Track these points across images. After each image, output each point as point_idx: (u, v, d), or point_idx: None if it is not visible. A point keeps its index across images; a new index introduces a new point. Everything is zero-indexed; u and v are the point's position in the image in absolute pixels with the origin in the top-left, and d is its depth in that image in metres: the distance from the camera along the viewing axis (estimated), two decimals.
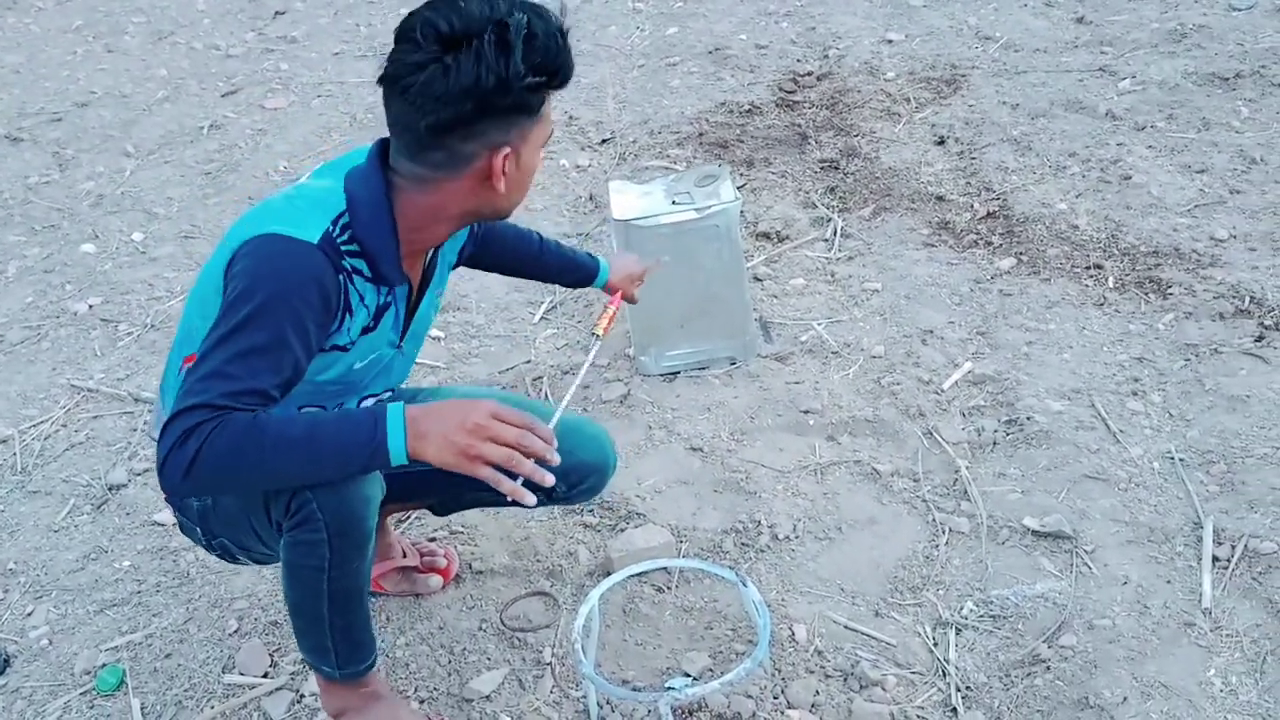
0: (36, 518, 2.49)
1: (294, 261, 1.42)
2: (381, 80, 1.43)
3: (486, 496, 1.93)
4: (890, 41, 4.58)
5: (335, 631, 1.65)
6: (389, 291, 1.58)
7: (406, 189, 1.50)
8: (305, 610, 1.63)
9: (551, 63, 1.43)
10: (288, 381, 1.43)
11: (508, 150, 1.46)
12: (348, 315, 1.52)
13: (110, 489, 2.54)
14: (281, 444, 1.34)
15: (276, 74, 5.15)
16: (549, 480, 1.42)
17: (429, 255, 1.68)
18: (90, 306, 3.34)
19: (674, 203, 2.68)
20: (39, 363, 3.09)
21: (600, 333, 2.06)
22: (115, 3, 6.48)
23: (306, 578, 1.58)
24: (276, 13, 6.06)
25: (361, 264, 1.51)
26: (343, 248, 1.47)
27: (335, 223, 1.47)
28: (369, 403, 1.76)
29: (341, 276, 1.47)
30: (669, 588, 2.12)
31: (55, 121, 4.81)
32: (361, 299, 1.54)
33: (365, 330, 1.57)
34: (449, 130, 1.42)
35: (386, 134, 1.51)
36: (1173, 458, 2.30)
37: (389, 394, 1.80)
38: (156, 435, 1.40)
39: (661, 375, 2.77)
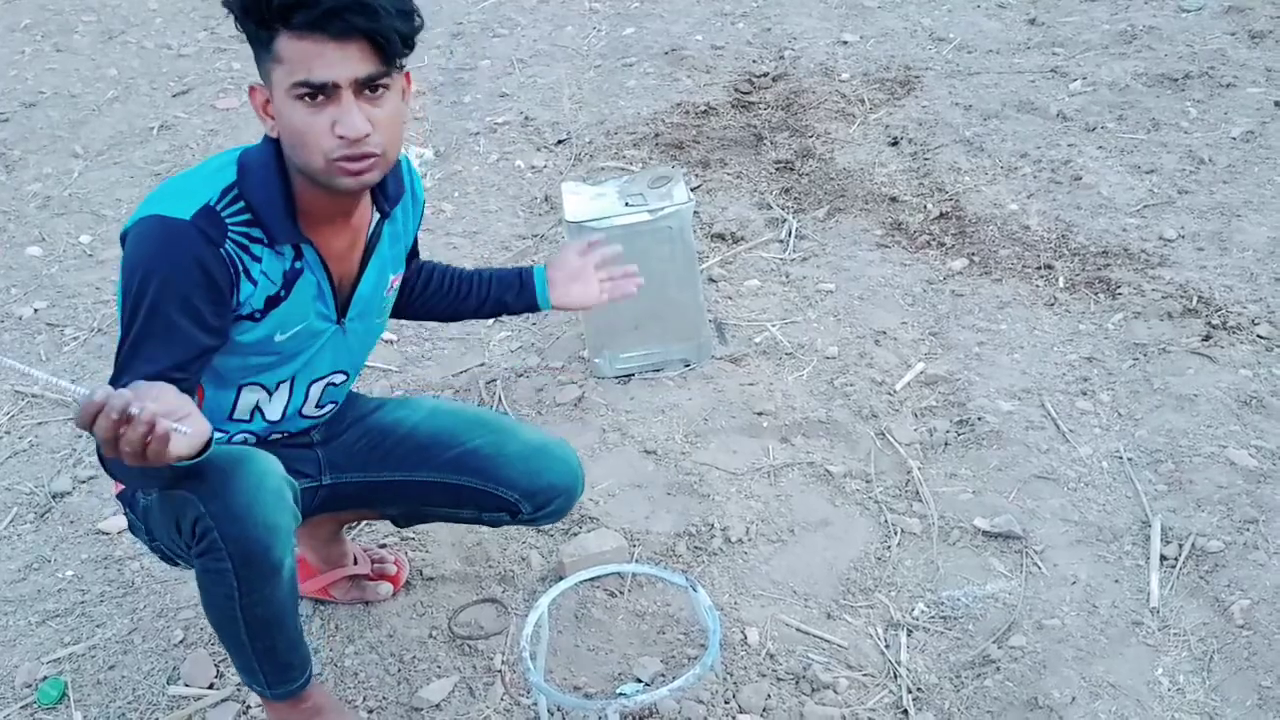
0: None
1: (166, 243, 1.43)
2: None
3: (464, 514, 1.93)
4: (845, 43, 4.60)
5: (258, 655, 1.61)
6: (296, 257, 1.55)
7: None
8: (225, 634, 1.60)
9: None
10: (190, 360, 1.44)
11: (260, 83, 1.46)
12: (246, 284, 1.51)
13: (54, 497, 2.50)
14: None
15: (229, 73, 5.10)
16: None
17: (369, 232, 1.65)
18: (36, 311, 3.29)
19: (627, 204, 2.67)
20: None
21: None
22: (65, 1, 6.38)
23: (219, 604, 1.53)
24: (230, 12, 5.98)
25: (256, 230, 1.49)
26: (227, 219, 1.46)
27: (223, 193, 1.46)
28: (318, 385, 1.73)
29: (226, 248, 1.46)
30: (621, 592, 2.11)
31: (2, 122, 4.72)
32: (260, 265, 1.52)
33: (274, 300, 1.55)
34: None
35: None
36: (1121, 457, 2.32)
37: (343, 377, 1.77)
38: None
39: (616, 378, 2.76)
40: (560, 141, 4.10)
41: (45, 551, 2.34)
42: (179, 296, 1.41)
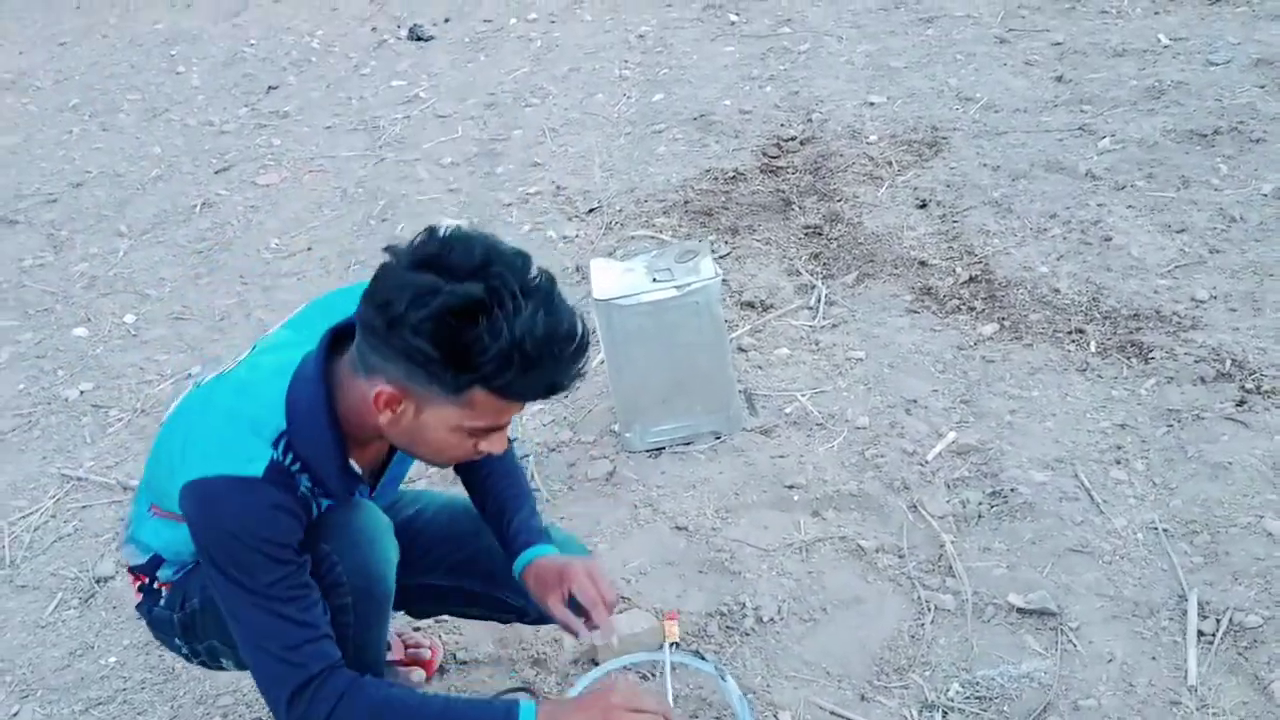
0: (24, 613, 2.49)
1: (252, 507, 1.43)
2: (386, 249, 1.39)
3: (474, 612, 1.99)
4: (872, 104, 4.64)
5: None
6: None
7: (348, 370, 1.46)
8: None
9: (480, 363, 1.32)
10: (319, 594, 1.51)
11: (391, 390, 1.38)
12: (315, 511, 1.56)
13: (97, 581, 2.55)
14: None
15: (269, 149, 5.22)
16: None
17: None
18: (81, 392, 3.37)
19: (655, 280, 2.70)
20: (29, 451, 3.11)
21: (671, 641, 1.94)
22: (111, 80, 6.58)
23: None
24: (270, 88, 6.16)
25: (319, 488, 1.53)
26: (292, 469, 1.47)
27: (277, 445, 1.45)
28: None
29: (301, 493, 1.50)
30: (653, 675, 2.11)
31: (50, 203, 4.87)
32: (323, 503, 1.57)
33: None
34: (366, 328, 1.37)
35: (377, 207, 1.52)
36: (1156, 528, 2.30)
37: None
38: (126, 560, 1.43)
39: (647, 451, 2.78)
40: (591, 210, 4.16)
41: (89, 638, 2.38)
42: (282, 549, 1.45)
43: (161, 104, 6.09)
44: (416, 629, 2.25)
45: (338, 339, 1.50)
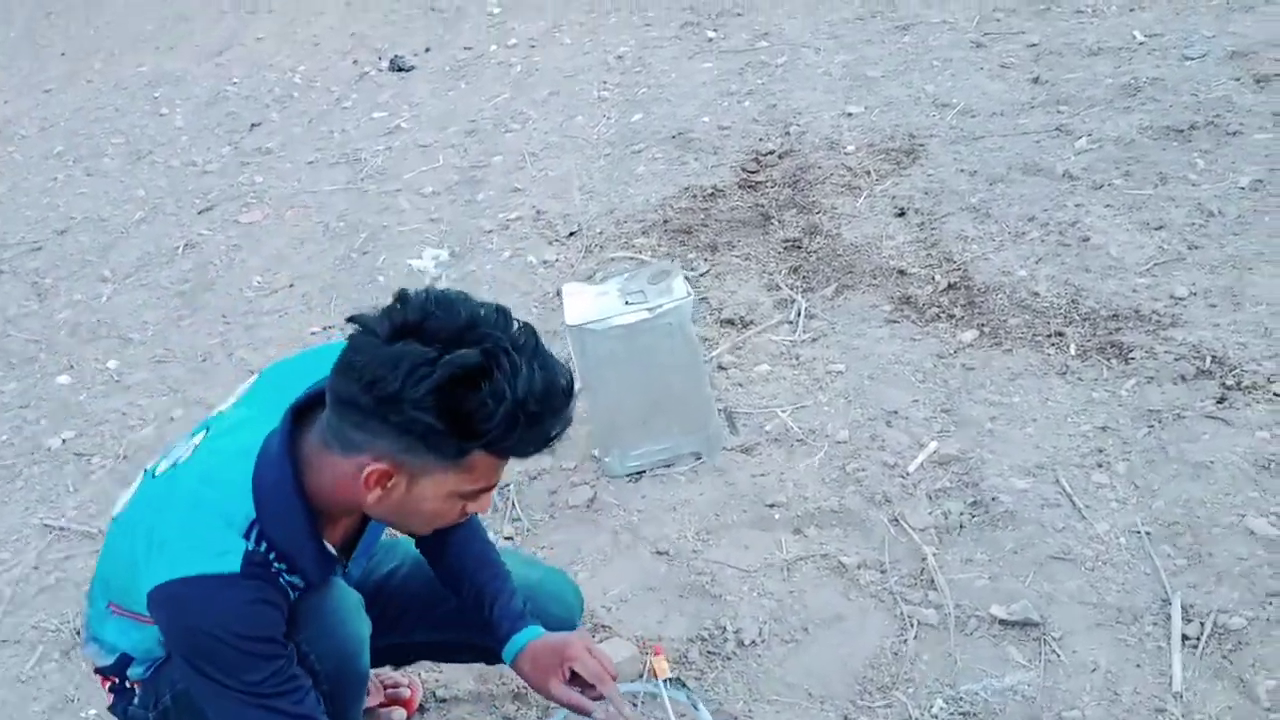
0: (5, 667, 2.48)
1: (232, 606, 1.38)
2: (351, 319, 1.36)
3: (462, 657, 1.97)
4: (850, 114, 4.63)
5: None
6: None
7: (316, 447, 1.42)
8: None
9: (487, 428, 1.29)
10: (309, 681, 1.49)
11: (383, 467, 1.34)
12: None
13: (78, 633, 2.53)
14: None
15: (251, 187, 5.22)
16: None
17: None
18: (64, 441, 3.36)
19: (627, 303, 2.68)
20: (12, 503, 3.10)
21: (665, 677, 1.91)
22: (96, 125, 6.61)
23: None
24: (252, 125, 6.17)
25: (296, 578, 1.48)
26: (268, 557, 1.43)
27: (249, 535, 1.40)
28: None
29: (280, 583, 1.45)
30: (637, 702, 2.09)
31: (35, 250, 4.88)
32: (301, 590, 1.52)
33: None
34: (347, 405, 1.33)
35: (359, 240, 1.48)
36: (1139, 532, 2.27)
37: None
38: (91, 660, 1.49)
39: (627, 475, 2.76)
40: (571, 234, 4.15)
41: (69, 690, 2.37)
42: (267, 643, 1.42)
43: (145, 146, 6.10)
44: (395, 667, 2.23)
45: (300, 414, 1.45)
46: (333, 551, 1.54)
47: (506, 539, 2.62)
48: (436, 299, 1.32)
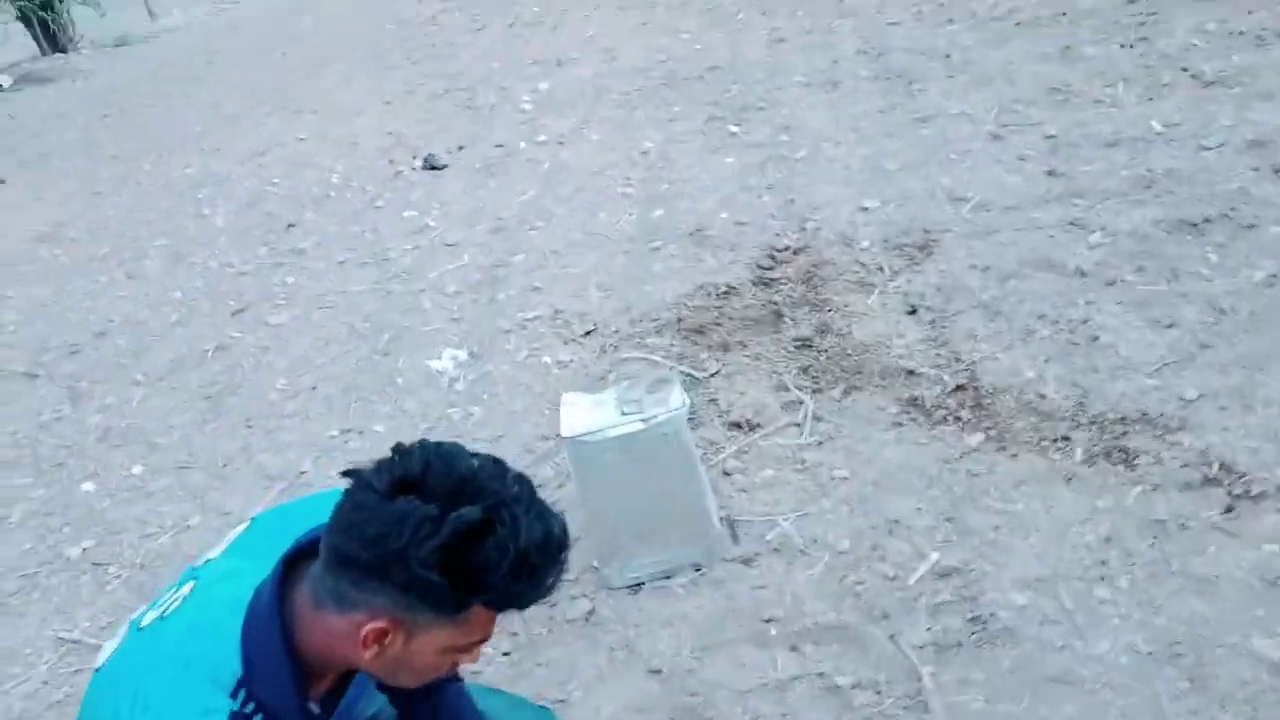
0: None
1: None
2: (346, 473, 1.35)
3: None
4: (866, 209, 4.65)
5: None
6: None
7: (308, 602, 1.40)
8: None
9: (491, 582, 1.29)
10: None
11: (381, 625, 1.33)
12: None
13: None
14: None
15: (283, 288, 5.34)
16: None
17: None
18: (83, 550, 3.42)
19: (623, 413, 2.70)
20: (29, 615, 3.15)
21: None
22: (141, 227, 6.81)
23: None
24: (289, 225, 6.32)
25: None
26: (254, 716, 1.39)
27: (236, 694, 1.37)
28: None
29: None
30: None
31: (73, 354, 5.01)
32: None
33: None
34: (347, 563, 1.32)
35: (381, 342, 1.48)
36: (1140, 652, 2.22)
37: None
38: None
39: (627, 587, 2.75)
40: (587, 333, 4.19)
41: None
42: None
43: (186, 248, 6.26)
44: None
45: (289, 565, 1.44)
46: (317, 711, 1.53)
47: (504, 654, 2.61)
48: (432, 453, 1.34)
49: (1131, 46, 5.75)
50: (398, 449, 1.35)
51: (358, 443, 3.78)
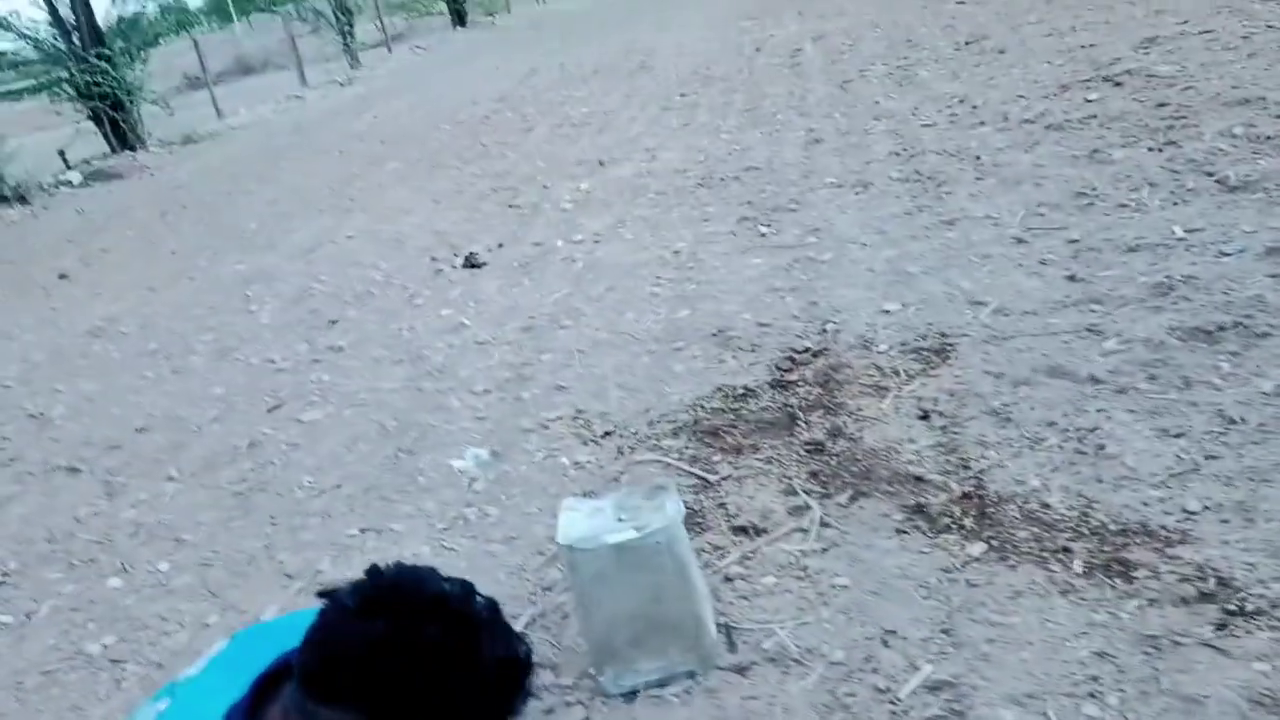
0: None
1: None
2: (321, 594, 1.38)
3: None
4: (886, 312, 4.70)
5: None
6: None
7: None
8: None
9: (453, 703, 1.31)
10: None
11: None
12: None
13: None
14: None
15: (318, 385, 5.49)
16: None
17: None
18: (105, 646, 3.51)
19: (619, 520, 2.75)
20: (46, 712, 3.23)
21: None
22: (190, 323, 7.04)
23: None
24: (330, 321, 6.51)
25: None
26: None
27: None
28: None
29: None
30: None
31: (113, 449, 5.17)
32: None
33: None
34: (312, 680, 1.35)
35: (407, 440, 1.49)
36: None
37: None
38: None
39: (621, 695, 2.77)
40: (606, 434, 4.25)
41: None
42: None
43: (232, 343, 6.47)
44: None
45: (264, 687, 1.48)
46: None
47: None
48: (404, 576, 1.38)
49: (1160, 150, 5.80)
50: (371, 570, 1.42)
51: (375, 542, 3.86)
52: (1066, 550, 2.91)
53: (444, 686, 1.32)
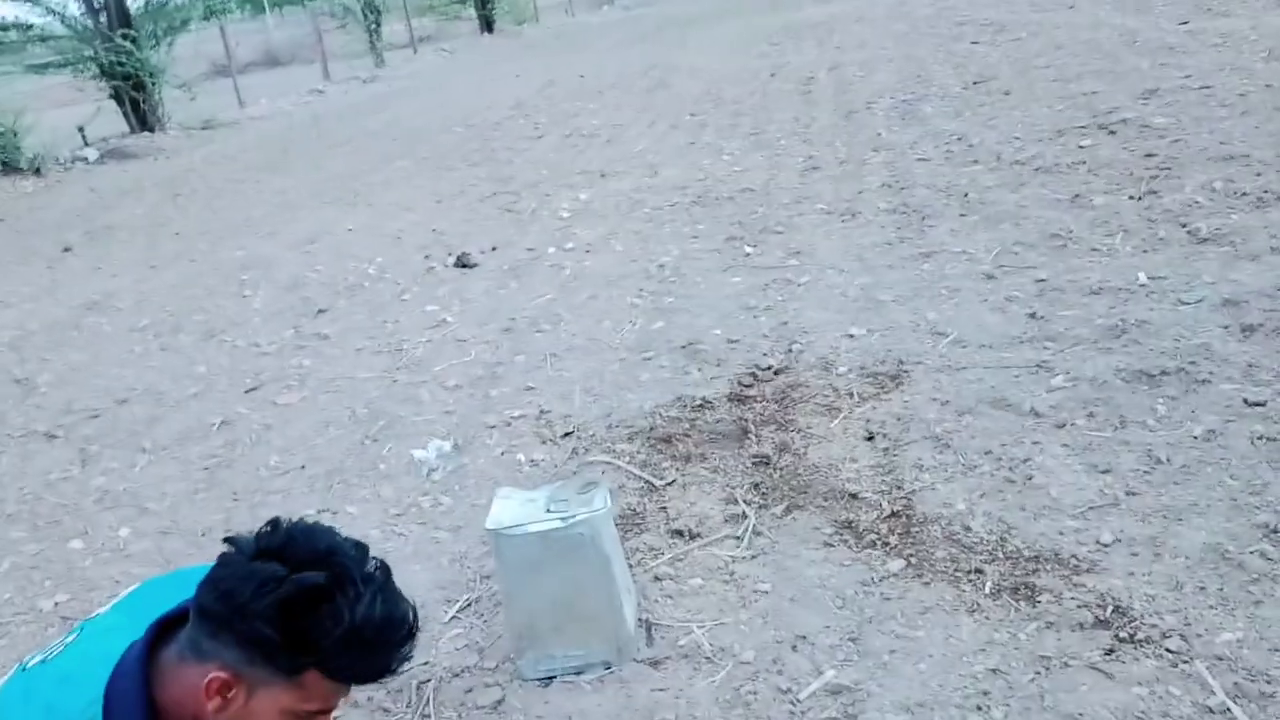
0: None
1: None
2: (226, 539, 1.47)
3: None
4: (851, 335, 4.80)
5: None
6: None
7: (173, 657, 1.50)
8: None
9: (323, 646, 1.40)
10: None
11: (224, 676, 1.43)
12: None
13: None
14: None
15: (298, 370, 5.61)
16: None
17: None
18: (56, 603, 3.63)
19: (549, 510, 2.86)
20: None
21: None
22: (184, 303, 7.19)
23: None
24: (319, 310, 6.64)
25: None
26: None
27: None
28: None
29: None
30: None
31: (92, 418, 5.30)
32: None
33: None
34: (204, 615, 1.44)
35: (375, 428, 1.61)
36: None
37: None
38: None
39: (538, 679, 2.87)
40: (566, 435, 4.36)
41: None
42: None
43: (221, 325, 6.61)
44: None
45: (166, 627, 1.56)
46: None
47: None
48: (302, 527, 1.49)
49: (1139, 199, 5.89)
50: (273, 521, 1.52)
51: (329, 522, 3.95)
52: (979, 571, 3.00)
53: (312, 629, 1.43)
